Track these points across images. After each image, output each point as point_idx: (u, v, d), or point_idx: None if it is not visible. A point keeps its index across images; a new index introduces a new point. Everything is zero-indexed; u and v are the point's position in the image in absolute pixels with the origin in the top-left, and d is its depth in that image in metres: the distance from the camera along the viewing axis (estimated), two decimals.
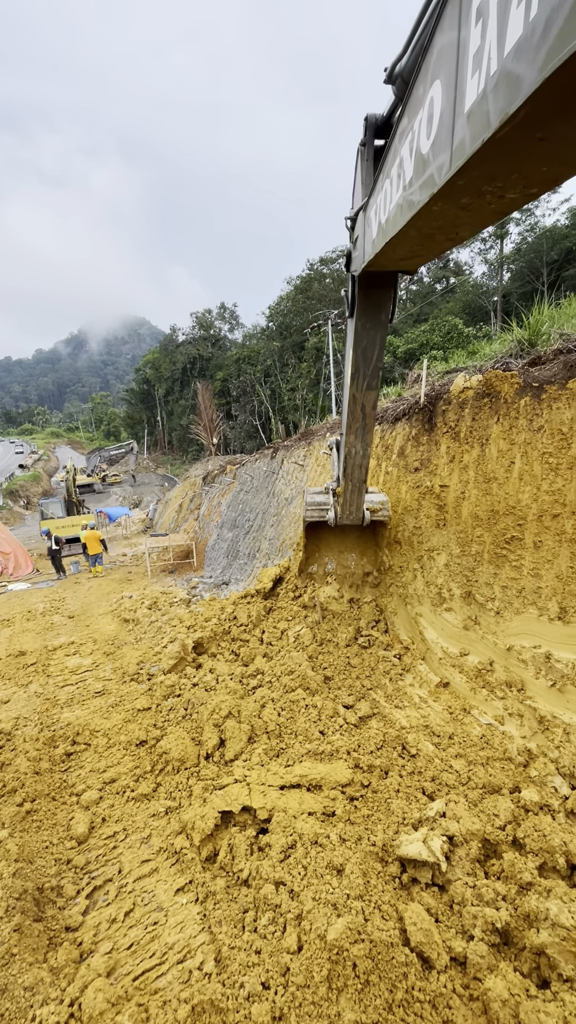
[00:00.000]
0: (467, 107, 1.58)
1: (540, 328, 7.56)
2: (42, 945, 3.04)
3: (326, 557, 7.86)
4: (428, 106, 1.95)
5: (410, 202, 2.25)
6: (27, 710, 6.38)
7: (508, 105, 1.32)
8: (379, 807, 3.87)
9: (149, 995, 2.69)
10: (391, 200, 2.63)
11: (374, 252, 3.18)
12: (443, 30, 1.78)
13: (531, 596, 4.92)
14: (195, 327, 77.71)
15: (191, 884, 3.47)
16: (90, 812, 4.33)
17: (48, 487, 58.77)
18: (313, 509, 6.90)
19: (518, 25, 1.27)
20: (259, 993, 2.58)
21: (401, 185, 2.40)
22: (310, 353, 47.09)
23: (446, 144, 1.76)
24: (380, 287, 4.21)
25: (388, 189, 2.69)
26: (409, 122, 2.22)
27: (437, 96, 1.85)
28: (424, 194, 2.02)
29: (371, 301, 4.34)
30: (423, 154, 2.02)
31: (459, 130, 1.65)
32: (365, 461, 5.93)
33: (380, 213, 2.95)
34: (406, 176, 2.30)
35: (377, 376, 5.01)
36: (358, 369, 4.93)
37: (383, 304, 4.38)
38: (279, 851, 3.44)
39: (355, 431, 5.56)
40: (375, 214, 3.12)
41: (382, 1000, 2.49)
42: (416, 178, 2.14)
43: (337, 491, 6.49)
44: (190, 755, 4.77)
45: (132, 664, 7.45)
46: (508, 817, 3.50)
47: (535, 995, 2.47)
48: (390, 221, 2.68)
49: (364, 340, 4.66)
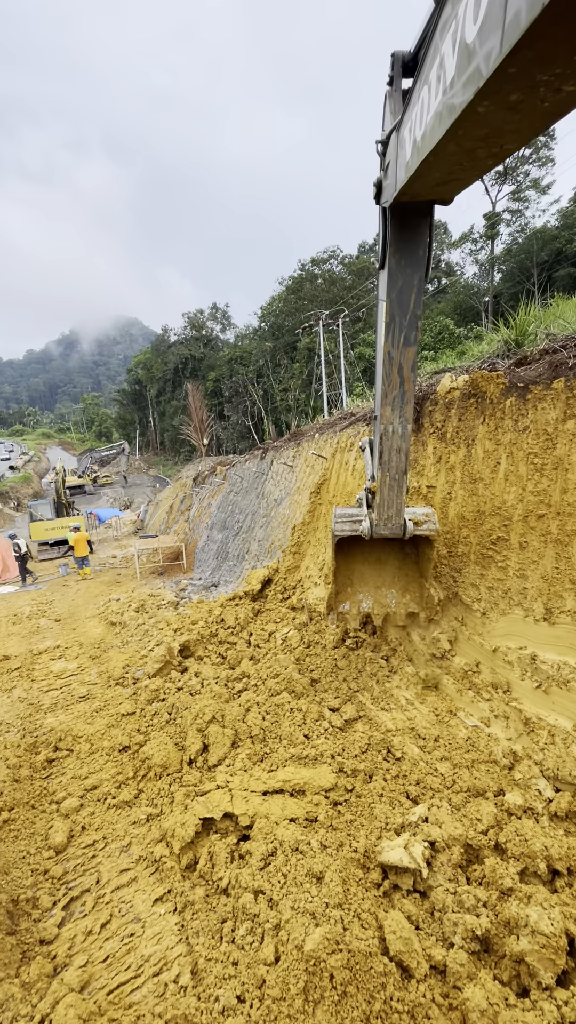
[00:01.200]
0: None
1: (527, 328, 7.57)
2: (14, 959, 2.96)
3: (360, 591, 6.32)
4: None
5: (451, 106, 2.01)
6: (10, 715, 6.27)
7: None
8: (362, 812, 3.82)
9: (123, 1010, 2.63)
10: (429, 110, 2.35)
11: (408, 176, 2.87)
12: None
13: (517, 597, 4.90)
14: (187, 327, 77.50)
15: (170, 894, 3.41)
16: (70, 820, 4.25)
17: (39, 488, 58.30)
18: (344, 521, 5.57)
19: None
20: (234, 1007, 2.53)
21: (441, 89, 2.15)
22: (302, 354, 47.07)
23: (497, 22, 1.55)
24: (415, 218, 3.78)
25: (426, 97, 2.41)
26: (452, 9, 1.99)
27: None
28: (468, 91, 1.80)
29: (406, 233, 3.84)
30: (468, 44, 1.80)
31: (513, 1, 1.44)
32: (405, 444, 4.83)
33: (415, 129, 2.64)
34: (447, 77, 2.06)
35: (416, 329, 4.33)
36: (393, 319, 4.23)
37: (419, 237, 3.88)
38: (259, 859, 3.39)
39: (392, 401, 4.63)
40: (409, 132, 2.82)
41: (359, 1012, 2.44)
42: (459, 75, 1.91)
43: (372, 487, 5.29)
44: (173, 761, 4.71)
45: (118, 668, 7.36)
46: (491, 821, 3.47)
47: (514, 1004, 2.44)
48: (427, 135, 2.40)
49: (400, 280, 4.03)
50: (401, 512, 5.24)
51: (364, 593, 6.30)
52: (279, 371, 53.64)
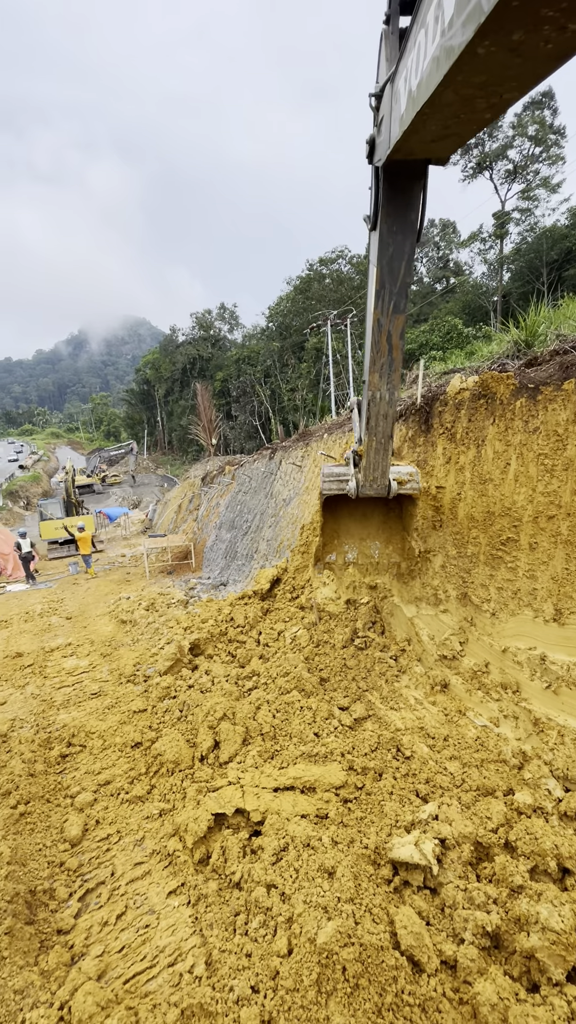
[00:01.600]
0: None
1: (537, 329, 7.56)
2: (33, 948, 3.03)
3: (346, 543, 6.85)
4: None
5: (449, 49, 1.87)
6: (23, 712, 6.38)
7: None
8: (372, 809, 3.86)
9: (139, 998, 2.69)
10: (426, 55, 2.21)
11: (402, 129, 2.73)
12: None
13: (526, 598, 4.92)
14: (195, 327, 77.74)
15: (183, 887, 3.47)
16: (84, 814, 4.33)
17: (48, 488, 58.78)
18: (331, 480, 5.95)
19: None
20: (248, 997, 2.58)
21: (439, 30, 2.00)
22: (310, 353, 47.09)
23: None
24: (408, 179, 3.64)
25: (423, 42, 2.26)
26: None
27: None
28: (468, 30, 1.67)
29: (399, 196, 3.72)
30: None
31: None
32: (392, 410, 5.04)
33: (411, 77, 2.50)
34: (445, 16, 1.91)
35: (405, 296, 4.32)
36: (383, 286, 4.20)
37: (412, 201, 3.76)
38: (271, 854, 3.44)
39: (380, 368, 4.72)
40: (404, 82, 2.66)
41: (371, 1004, 2.49)
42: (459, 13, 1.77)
43: (359, 450, 5.56)
44: (184, 757, 4.77)
45: (129, 665, 7.45)
46: (501, 820, 3.49)
47: (524, 999, 2.47)
48: (423, 83, 2.27)
49: (391, 247, 3.98)
50: (386, 474, 5.60)
51: (350, 545, 6.82)
52: (287, 371, 53.68)
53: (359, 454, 5.62)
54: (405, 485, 5.84)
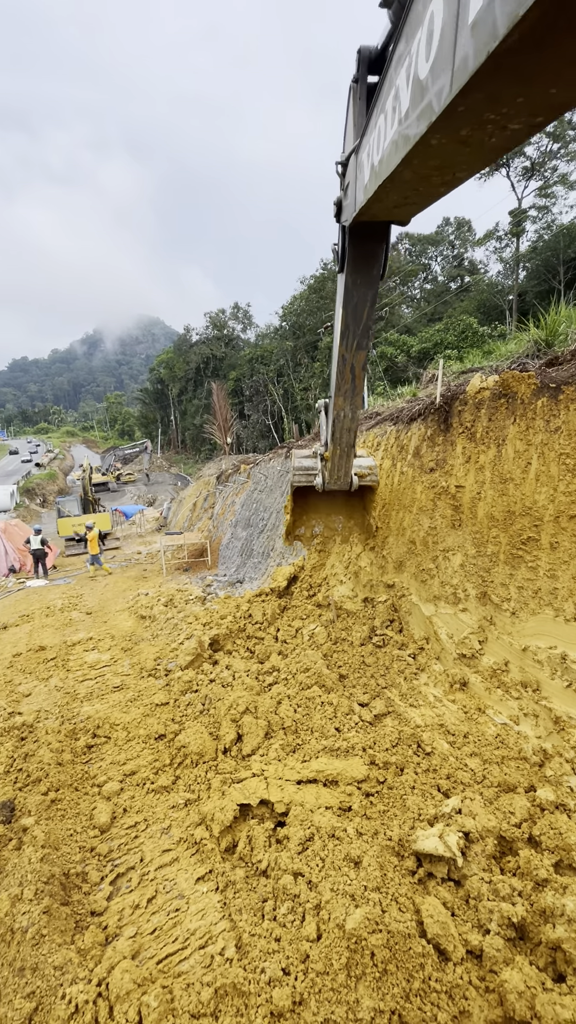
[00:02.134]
0: (472, 17, 1.47)
1: (557, 328, 7.53)
2: (69, 928, 3.15)
3: (313, 520, 8.02)
4: (428, 23, 1.81)
5: (406, 137, 2.10)
6: (48, 703, 6.54)
7: (517, 7, 1.23)
8: (395, 803, 3.92)
9: (173, 978, 2.79)
10: (385, 137, 2.46)
11: (366, 198, 3.00)
12: None
13: (547, 597, 4.93)
14: (209, 327, 78.04)
15: (211, 873, 3.57)
16: (111, 803, 4.45)
17: (64, 485, 59.53)
18: (301, 474, 6.85)
19: None
20: (280, 978, 2.67)
21: (396, 119, 2.24)
22: (323, 353, 47.04)
23: (447, 63, 1.65)
24: (372, 239, 3.97)
25: (382, 126, 2.52)
26: (407, 45, 2.08)
27: (438, 9, 1.71)
28: (422, 124, 1.89)
29: (362, 254, 4.09)
30: (421, 80, 1.89)
31: (462, 45, 1.54)
32: (354, 425, 5.81)
33: (373, 154, 2.76)
34: (402, 108, 2.15)
35: (368, 336, 4.82)
36: (347, 328, 4.71)
37: (375, 258, 4.13)
38: (297, 843, 3.52)
39: (344, 393, 5.42)
40: (368, 156, 2.93)
41: (400, 989, 2.55)
42: (413, 108, 2.00)
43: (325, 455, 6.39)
44: (208, 749, 4.87)
45: (149, 660, 7.58)
46: (524, 815, 3.53)
47: (551, 988, 2.52)
48: (384, 161, 2.51)
49: (355, 297, 4.43)
50: (349, 473, 6.57)
51: (317, 520, 8.06)
52: (300, 370, 53.70)
53: (325, 458, 6.42)
54: (365, 478, 6.83)
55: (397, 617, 7.18)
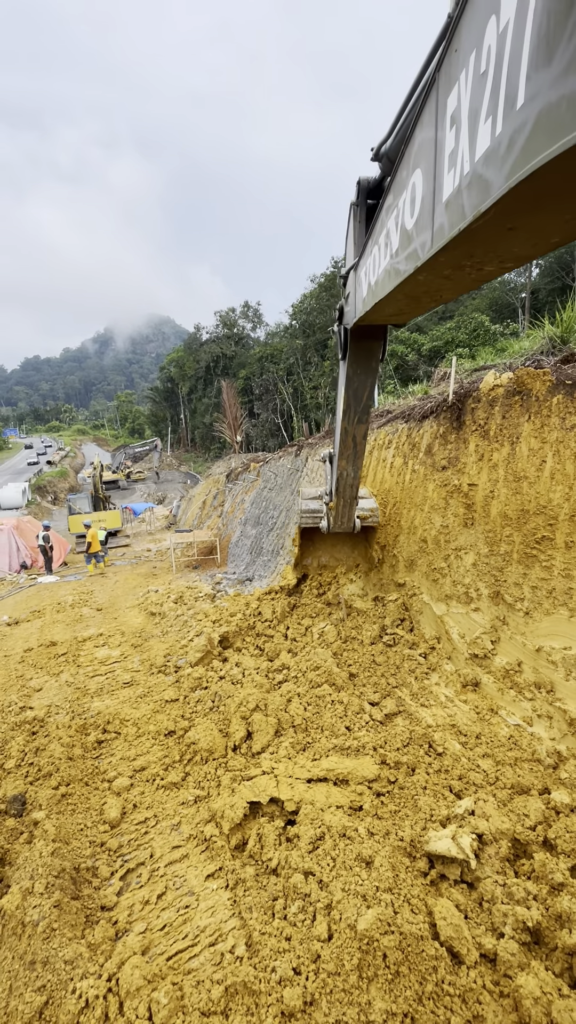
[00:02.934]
0: (445, 197, 1.71)
1: (573, 325, 7.41)
2: (80, 922, 3.15)
3: (320, 552, 8.60)
4: (411, 189, 2.09)
5: (396, 270, 2.40)
6: (59, 698, 6.57)
7: (480, 203, 1.42)
8: (406, 803, 3.88)
9: (183, 975, 2.78)
10: (379, 265, 2.79)
11: (365, 309, 3.37)
12: (423, 126, 1.93)
13: (562, 597, 4.85)
14: (219, 326, 78.10)
15: (221, 871, 3.55)
16: (121, 798, 4.45)
17: (75, 483, 59.98)
18: (307, 516, 7.53)
19: (486, 137, 1.38)
20: (291, 978, 2.64)
21: (388, 254, 2.55)
22: (333, 351, 46.86)
23: (427, 225, 1.90)
24: (371, 338, 4.45)
25: (376, 255, 2.89)
26: (395, 199, 2.37)
27: (419, 182, 1.99)
28: (409, 265, 2.17)
29: (362, 350, 4.61)
30: (407, 230, 2.17)
31: (439, 215, 1.78)
32: (356, 482, 6.42)
33: (370, 275, 3.13)
34: (392, 246, 2.46)
35: (368, 412, 5.34)
36: (349, 407, 5.23)
37: (374, 353, 4.64)
38: (307, 842, 3.50)
39: (347, 457, 6.01)
40: (365, 275, 3.31)
41: (412, 992, 2.52)
42: (401, 250, 2.29)
43: (330, 505, 6.94)
44: (218, 746, 4.86)
45: (159, 656, 7.60)
46: (539, 818, 3.48)
47: (567, 995, 2.47)
48: (378, 284, 2.84)
49: (355, 383, 4.95)
50: (352, 518, 7.11)
51: (323, 551, 8.60)
52: (310, 369, 53.58)
53: (330, 508, 7.01)
54: (367, 520, 7.45)
55: (408, 616, 7.12)
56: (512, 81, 1.23)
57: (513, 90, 1.23)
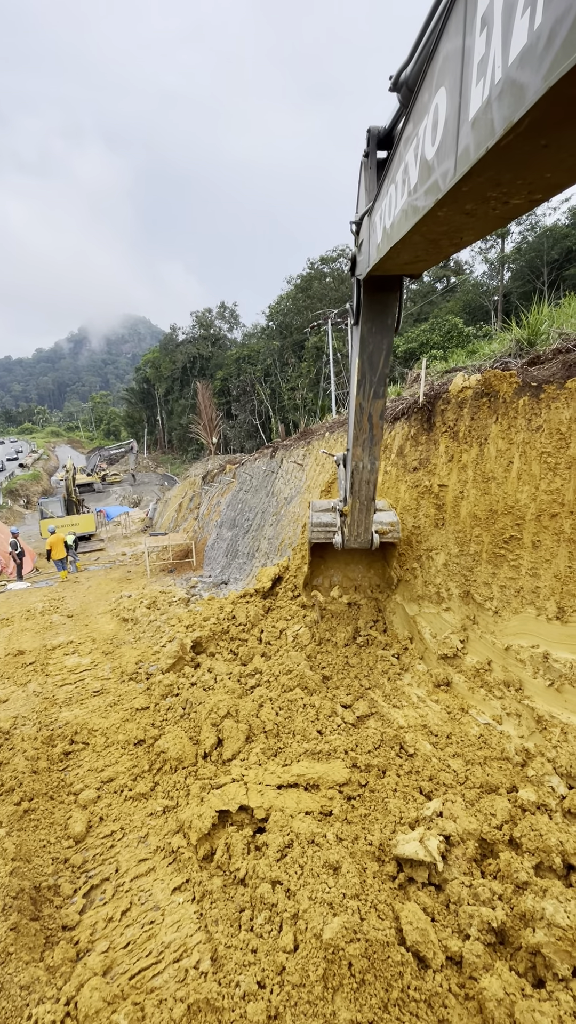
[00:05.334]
0: (472, 115, 1.59)
1: (539, 328, 7.55)
2: (39, 944, 3.04)
3: (332, 570, 7.45)
4: (433, 113, 1.95)
5: (415, 207, 2.27)
6: (26, 709, 6.38)
7: (512, 113, 1.33)
8: (376, 806, 3.87)
9: (145, 994, 2.70)
10: (396, 205, 2.65)
11: (379, 257, 3.19)
12: (448, 37, 1.80)
13: (529, 596, 4.92)
14: (195, 326, 77.63)
15: (188, 883, 3.47)
16: (88, 811, 4.33)
17: (48, 486, 58.76)
18: (319, 530, 6.47)
19: (522, 34, 1.27)
20: (255, 992, 2.59)
21: (406, 191, 2.41)
22: (310, 352, 47.04)
23: (451, 151, 1.78)
24: (386, 291, 4.19)
25: (393, 194, 2.71)
26: (414, 128, 2.23)
27: (442, 103, 1.86)
28: (429, 200, 2.04)
29: (377, 305, 4.31)
30: (428, 160, 2.04)
31: (464, 137, 1.66)
32: (373, 477, 5.58)
33: (385, 218, 2.96)
34: (411, 182, 2.31)
35: (384, 384, 4.84)
36: (364, 376, 4.78)
37: (389, 308, 4.34)
38: (276, 850, 3.45)
39: (362, 443, 5.31)
40: (380, 219, 3.12)
41: (378, 999, 2.49)
42: (421, 184, 2.15)
43: (344, 511, 6.05)
44: (188, 754, 4.77)
45: (131, 663, 7.45)
46: (505, 817, 3.50)
47: (530, 994, 2.48)
48: (395, 226, 2.70)
49: (370, 345, 4.57)
50: (369, 529, 6.08)
51: (335, 570, 7.47)
52: (287, 370, 53.64)
53: (344, 513, 6.09)
54: (387, 535, 6.40)
55: (381, 617, 7.15)
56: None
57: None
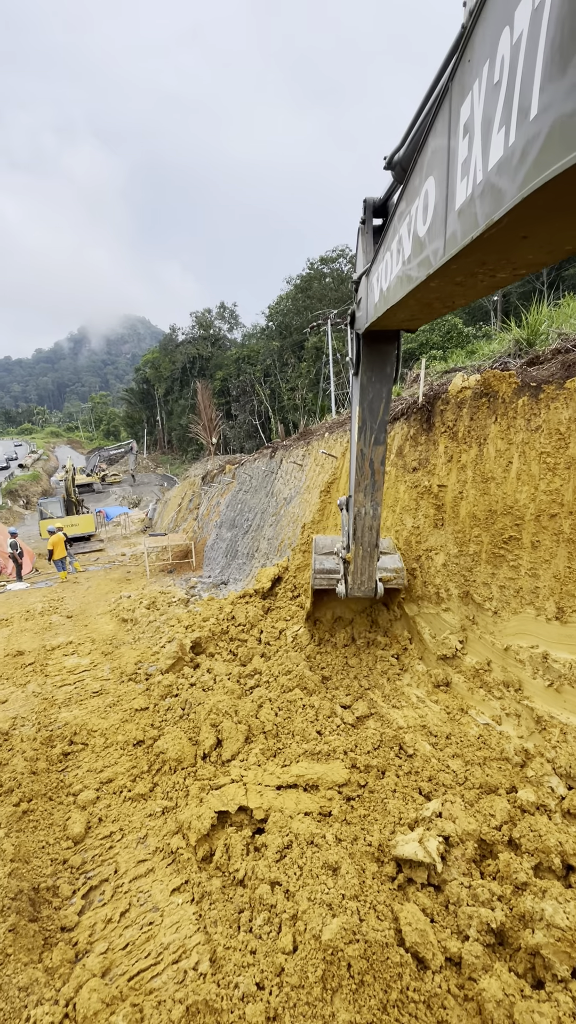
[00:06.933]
0: (458, 205, 1.70)
1: (538, 328, 7.56)
2: (37, 945, 3.03)
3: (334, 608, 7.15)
4: (424, 196, 2.08)
5: (408, 276, 2.40)
6: (25, 710, 6.37)
7: (493, 212, 1.42)
8: (376, 807, 3.86)
9: (144, 995, 2.69)
10: (391, 272, 2.79)
11: (377, 315, 3.35)
12: (436, 135, 1.92)
13: (528, 596, 4.92)
14: (195, 327, 77.62)
15: (187, 884, 3.47)
16: (87, 812, 4.33)
17: (48, 487, 58.75)
18: (323, 577, 6.27)
19: (499, 146, 1.37)
20: (254, 993, 2.58)
21: (400, 260, 2.55)
22: (310, 353, 47.05)
23: (440, 232, 1.89)
24: (384, 342, 4.35)
25: (388, 261, 2.85)
26: (407, 206, 2.36)
27: (431, 190, 1.99)
28: (421, 272, 2.16)
29: (376, 356, 4.46)
30: (420, 237, 2.15)
31: (451, 223, 1.77)
32: (376, 523, 5.48)
33: (382, 281, 3.11)
34: (404, 253, 2.45)
35: (384, 430, 4.93)
36: (365, 423, 4.84)
37: (388, 358, 4.48)
38: (275, 851, 3.44)
39: (364, 489, 5.25)
40: (377, 281, 3.28)
41: (376, 1000, 2.49)
42: (414, 256, 2.28)
43: (347, 557, 5.88)
44: (187, 755, 4.77)
45: (130, 664, 7.45)
46: (504, 817, 3.50)
47: (529, 995, 2.47)
48: (391, 290, 2.83)
49: (370, 393, 4.67)
50: (373, 577, 5.87)
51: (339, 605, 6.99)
52: (286, 370, 53.66)
53: (347, 561, 5.90)
54: (391, 582, 6.19)
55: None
56: (525, 92, 1.23)
57: (527, 101, 1.23)
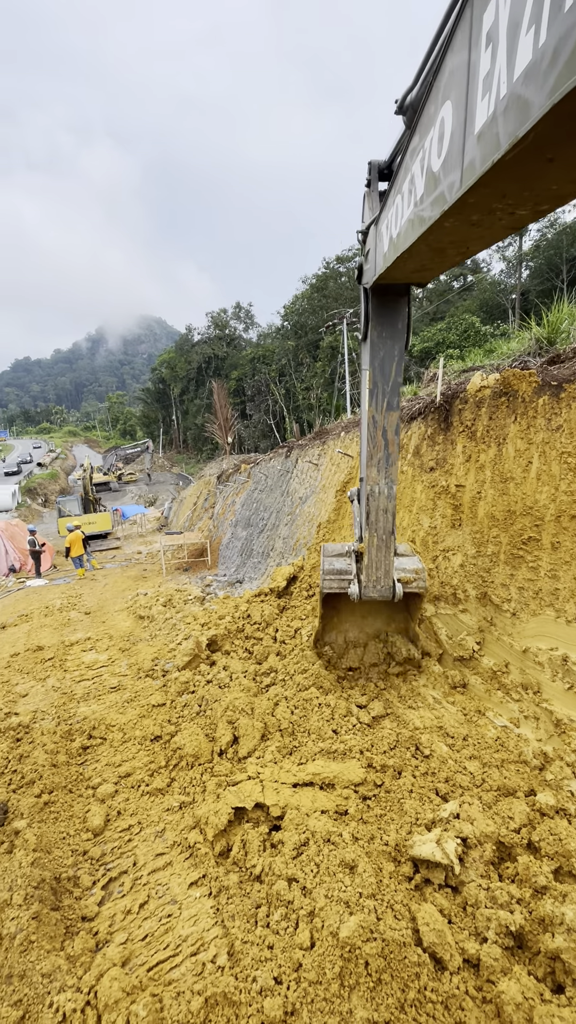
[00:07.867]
0: (477, 128, 1.60)
1: (559, 326, 7.45)
2: (59, 933, 3.10)
3: (347, 623, 6.32)
4: (439, 125, 1.97)
5: (421, 218, 2.27)
6: (44, 704, 6.49)
7: (517, 128, 1.34)
8: (392, 807, 3.86)
9: (163, 986, 2.73)
10: (402, 215, 2.65)
11: (386, 265, 3.21)
12: (454, 51, 1.82)
13: (548, 598, 4.86)
14: (210, 327, 78.03)
15: (204, 878, 3.51)
16: (105, 805, 4.40)
17: (66, 485, 59.60)
18: (332, 578, 5.43)
19: (527, 51, 1.29)
20: (271, 988, 2.60)
21: (412, 201, 2.42)
22: (325, 352, 46.99)
23: (456, 163, 1.79)
24: (394, 294, 4.18)
25: (399, 204, 2.72)
26: (420, 140, 2.24)
27: (448, 116, 1.88)
28: (435, 210, 2.05)
29: (385, 309, 4.26)
30: (434, 172, 2.05)
31: (469, 150, 1.67)
32: (391, 504, 4.90)
33: (391, 227, 2.96)
34: (417, 192, 2.32)
35: (397, 394, 4.56)
36: (376, 385, 4.52)
37: (398, 313, 4.28)
38: (292, 848, 3.46)
39: (377, 463, 4.78)
40: (386, 228, 3.13)
41: (394, 999, 2.49)
42: (427, 195, 2.16)
43: (360, 548, 5.21)
44: (204, 751, 4.82)
45: (147, 660, 7.54)
46: (523, 820, 3.47)
47: (549, 999, 2.45)
48: (401, 235, 2.71)
49: (381, 351, 4.42)
50: (390, 573, 5.15)
51: (351, 624, 6.28)
52: (301, 370, 53.63)
53: (360, 552, 5.25)
54: (411, 584, 5.40)
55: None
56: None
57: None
